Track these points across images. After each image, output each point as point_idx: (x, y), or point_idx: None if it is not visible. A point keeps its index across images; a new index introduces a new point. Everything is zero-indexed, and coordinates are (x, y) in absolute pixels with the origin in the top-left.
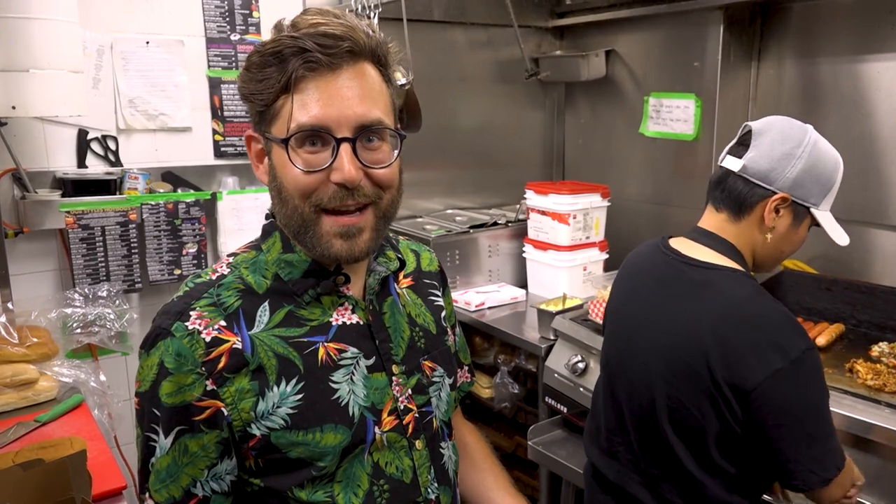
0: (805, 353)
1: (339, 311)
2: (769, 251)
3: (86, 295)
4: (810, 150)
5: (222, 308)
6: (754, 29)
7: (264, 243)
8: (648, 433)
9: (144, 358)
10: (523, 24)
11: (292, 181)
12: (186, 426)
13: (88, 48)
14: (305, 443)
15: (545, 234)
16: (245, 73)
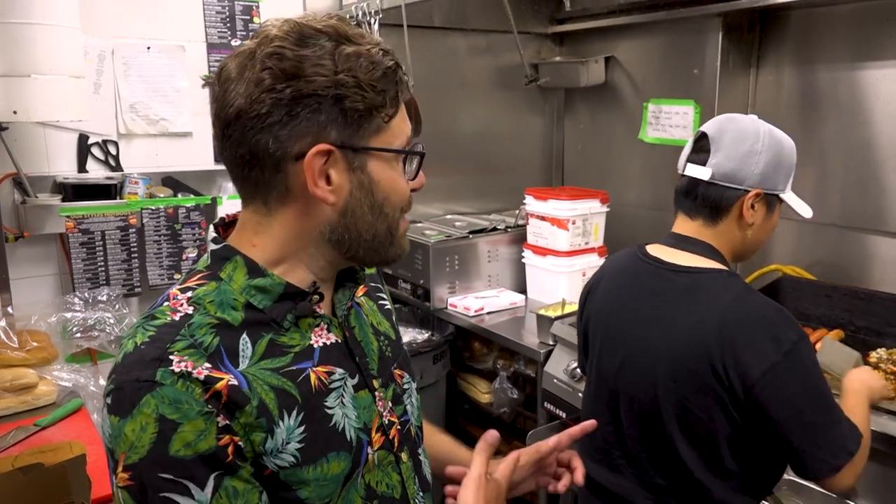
0: (797, 343)
1: (315, 332)
2: (749, 244)
3: (86, 299)
4: (768, 142)
5: (202, 349)
6: (753, 36)
7: (222, 271)
8: (655, 444)
9: (125, 423)
10: (523, 31)
11: (402, 193)
12: (223, 469)
13: (90, 53)
14: (316, 478)
15: (544, 239)
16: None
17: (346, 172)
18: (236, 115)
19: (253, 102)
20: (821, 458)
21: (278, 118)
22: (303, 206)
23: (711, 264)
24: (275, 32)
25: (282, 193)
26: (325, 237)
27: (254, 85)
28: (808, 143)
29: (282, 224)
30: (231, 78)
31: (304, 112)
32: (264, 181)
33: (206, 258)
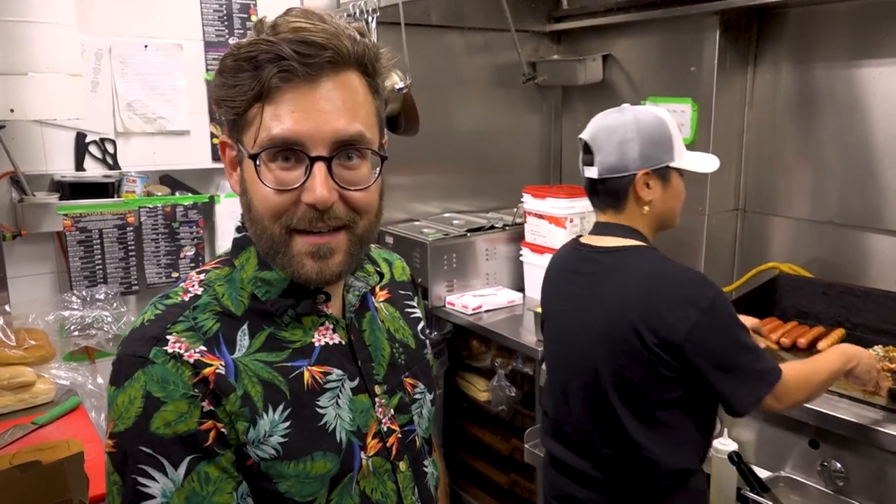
0: (713, 300)
1: (320, 331)
2: (662, 214)
3: (83, 297)
4: (635, 128)
5: (201, 332)
6: (750, 34)
7: (237, 259)
8: (599, 416)
9: (118, 393)
10: (521, 29)
11: (262, 200)
12: (199, 454)
13: (87, 52)
14: (296, 474)
15: (542, 237)
16: (218, 76)
17: (238, 167)
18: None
19: None
20: (745, 394)
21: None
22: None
23: (631, 242)
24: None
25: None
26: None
27: None
28: (805, 140)
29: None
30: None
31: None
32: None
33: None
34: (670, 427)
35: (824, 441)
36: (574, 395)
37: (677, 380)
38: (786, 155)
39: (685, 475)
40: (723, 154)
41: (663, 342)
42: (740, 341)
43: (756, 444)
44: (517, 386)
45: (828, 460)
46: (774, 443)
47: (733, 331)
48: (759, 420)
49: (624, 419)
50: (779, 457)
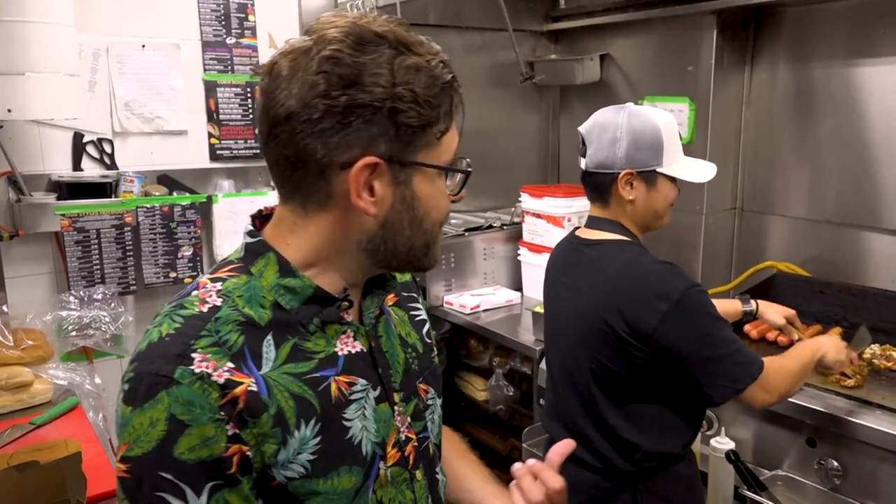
0: (685, 292)
1: (341, 339)
2: (644, 214)
3: (81, 298)
4: (626, 129)
5: (226, 347)
6: (747, 33)
7: (253, 266)
8: (582, 400)
9: (136, 414)
10: (518, 28)
11: (442, 209)
12: (221, 481)
13: (84, 51)
14: (325, 491)
15: (540, 237)
16: (420, 95)
17: (390, 186)
18: (286, 116)
19: (305, 106)
20: (723, 385)
21: (329, 125)
22: (342, 213)
23: (614, 236)
24: (332, 34)
25: (322, 199)
26: (360, 246)
27: (308, 88)
28: (802, 140)
29: (318, 228)
30: (282, 76)
31: (357, 122)
32: (306, 184)
33: (239, 249)
34: (647, 413)
35: (821, 439)
36: (560, 379)
37: (651, 368)
38: (783, 154)
39: (668, 459)
40: (720, 153)
41: (635, 332)
42: (715, 332)
43: (753, 442)
44: (515, 385)
45: (825, 459)
46: (772, 441)
47: (706, 322)
48: (757, 419)
49: (601, 404)
50: (776, 455)
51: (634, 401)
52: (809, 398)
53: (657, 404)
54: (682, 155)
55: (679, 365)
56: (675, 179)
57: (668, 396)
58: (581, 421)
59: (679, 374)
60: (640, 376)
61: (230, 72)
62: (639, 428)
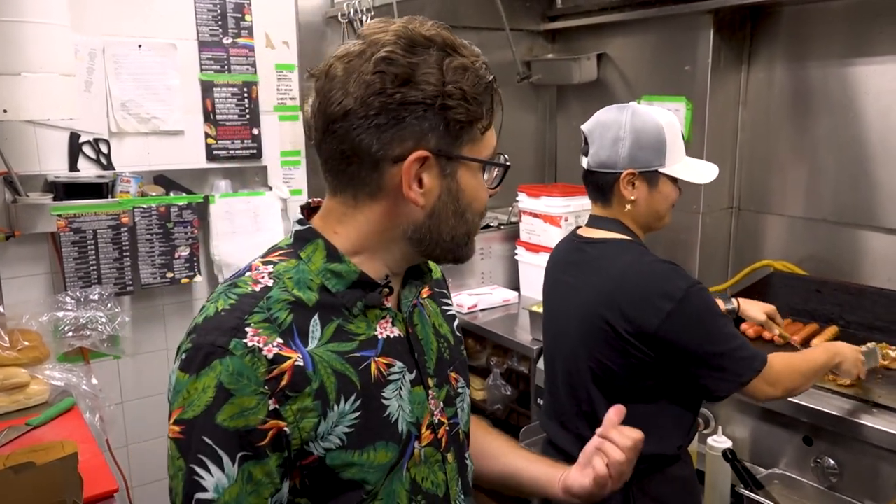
0: (687, 290)
1: (381, 324)
2: (645, 214)
3: (77, 298)
4: (630, 129)
5: (276, 324)
6: (744, 33)
7: (302, 251)
8: (579, 399)
9: (191, 381)
10: (515, 28)
11: (482, 200)
12: (250, 452)
13: (80, 52)
14: (360, 463)
15: (537, 236)
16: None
17: (437, 178)
18: (343, 113)
19: (362, 104)
20: (727, 380)
21: (385, 121)
22: (392, 204)
23: (616, 235)
24: (385, 38)
25: (374, 191)
26: (406, 235)
27: (364, 87)
28: (799, 139)
29: (367, 217)
30: (338, 77)
31: (410, 118)
32: (359, 177)
33: (288, 237)
34: (642, 414)
35: (818, 438)
36: (560, 378)
37: (651, 369)
38: (780, 153)
39: (662, 461)
40: (717, 152)
41: (637, 332)
42: (719, 329)
43: (750, 441)
44: (513, 385)
45: (821, 457)
46: (768, 440)
47: (710, 319)
48: (754, 417)
49: (597, 404)
50: (773, 454)
51: (631, 401)
52: (806, 397)
53: (653, 405)
54: (685, 155)
55: (683, 362)
56: (677, 180)
57: (665, 397)
58: (577, 421)
59: (682, 371)
60: (639, 376)
61: (227, 72)
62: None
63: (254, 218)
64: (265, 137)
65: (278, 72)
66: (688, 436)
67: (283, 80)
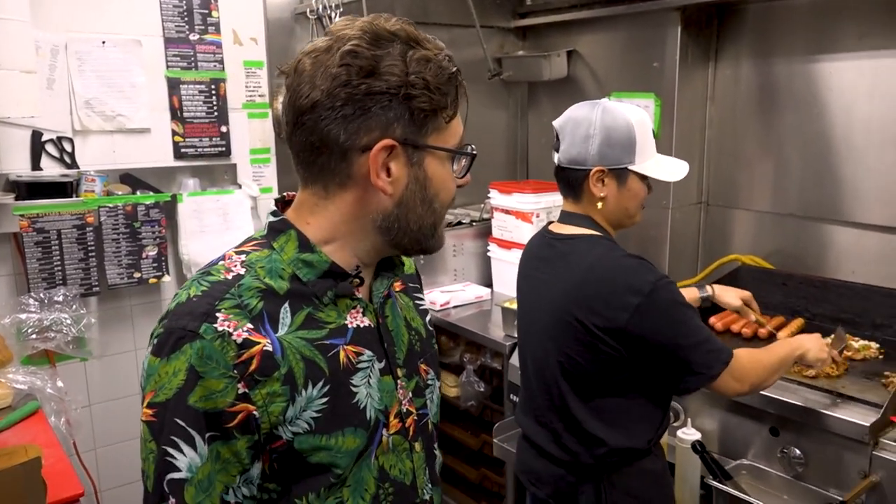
0: (655, 284)
1: (351, 313)
2: (615, 212)
3: (41, 300)
4: (600, 126)
5: (247, 311)
6: (711, 30)
7: (275, 241)
8: (550, 393)
9: (163, 364)
10: (485, 25)
11: (450, 190)
12: (218, 433)
13: (42, 48)
14: (328, 447)
15: (509, 232)
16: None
17: (405, 167)
18: (311, 105)
19: (329, 96)
20: (697, 373)
21: (351, 111)
22: (361, 193)
23: (585, 231)
24: (351, 33)
25: (343, 180)
26: (375, 224)
27: (331, 79)
28: (765, 135)
29: (338, 207)
30: (306, 71)
31: (375, 108)
32: (329, 168)
33: (262, 228)
34: (614, 408)
35: (784, 429)
36: (532, 373)
37: (621, 363)
38: (747, 149)
39: (631, 454)
40: (686, 148)
41: (605, 327)
42: (686, 323)
43: (719, 433)
44: (486, 381)
45: (787, 447)
46: (736, 431)
47: (678, 313)
48: (722, 410)
49: (568, 398)
50: (740, 445)
51: (600, 395)
52: (773, 388)
53: (623, 399)
54: (655, 153)
55: (652, 356)
56: (647, 177)
57: (634, 392)
58: (549, 415)
59: (651, 365)
60: (608, 371)
61: (194, 69)
62: (604, 422)
63: (223, 216)
64: (234, 135)
65: (247, 69)
66: (659, 429)
67: (252, 78)
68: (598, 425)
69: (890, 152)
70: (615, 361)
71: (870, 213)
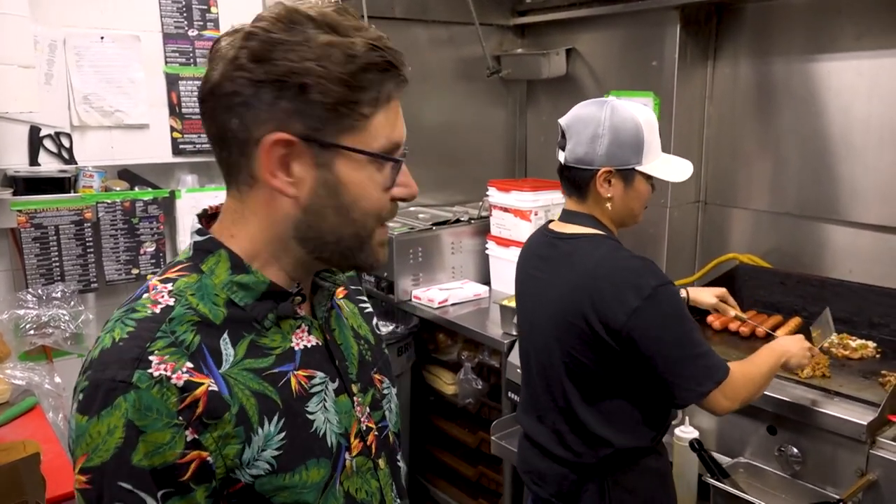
0: (656, 289)
1: (296, 334)
2: (620, 212)
3: (39, 296)
4: (609, 126)
5: (183, 347)
6: (710, 28)
7: (204, 264)
8: (554, 393)
9: (93, 423)
10: (485, 22)
11: (374, 199)
12: (173, 489)
13: (40, 43)
14: (292, 485)
15: (507, 230)
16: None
17: (310, 168)
18: (210, 90)
19: (224, 79)
20: (687, 388)
21: (243, 99)
22: (267, 194)
23: (589, 231)
24: (266, 14)
25: (247, 178)
26: (290, 233)
27: (228, 62)
28: (764, 133)
29: (253, 213)
30: (219, 54)
31: (267, 96)
32: (231, 163)
33: (187, 249)
34: (616, 408)
35: (782, 427)
36: (535, 373)
37: (621, 364)
38: (745, 148)
39: (635, 454)
40: (684, 147)
41: (606, 326)
42: (684, 333)
43: (716, 431)
44: (484, 379)
45: (785, 446)
46: (734, 430)
47: (676, 322)
48: None
49: (572, 398)
50: (738, 443)
51: (605, 396)
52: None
53: (627, 400)
54: (661, 152)
55: (646, 362)
56: (651, 177)
57: (639, 391)
58: (553, 415)
59: (645, 371)
60: (612, 371)
61: (192, 64)
62: (608, 423)
63: None
64: None
65: None
66: (662, 427)
67: None
68: (603, 426)
69: (888, 152)
70: (617, 362)
71: (867, 212)
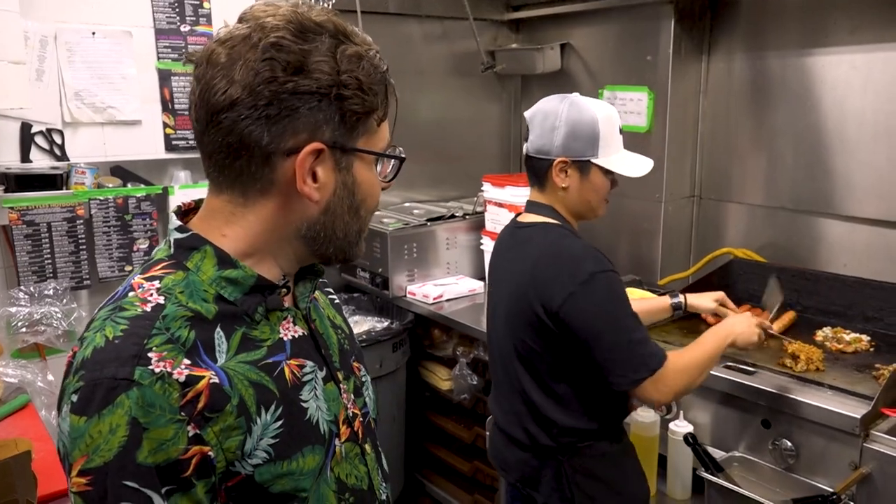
0: (593, 275)
1: (283, 325)
2: (578, 203)
3: (31, 293)
4: (566, 119)
5: (180, 344)
6: (704, 23)
7: (188, 261)
8: (510, 378)
9: (93, 423)
10: (479, 17)
11: (377, 196)
12: (175, 485)
13: (31, 39)
14: (290, 472)
15: (502, 226)
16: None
17: (333, 172)
18: (230, 103)
19: (251, 93)
20: (621, 374)
21: (276, 112)
22: (285, 200)
23: (544, 219)
24: (273, 22)
25: (265, 186)
26: (300, 233)
27: (253, 74)
28: (758, 128)
29: (258, 216)
30: (221, 63)
31: (304, 108)
32: (249, 172)
33: (165, 247)
34: (565, 391)
35: (775, 421)
36: (497, 360)
37: (564, 348)
38: (740, 142)
39: (588, 436)
40: (679, 141)
41: (546, 310)
42: (619, 319)
43: (711, 425)
44: (479, 374)
45: (779, 439)
46: (728, 424)
47: (612, 307)
48: (714, 402)
49: (525, 382)
50: (732, 437)
51: (554, 379)
52: (764, 381)
53: (575, 383)
54: (622, 148)
55: (582, 346)
56: (611, 172)
57: (589, 375)
58: (512, 398)
59: (584, 355)
60: (557, 355)
61: (185, 61)
62: (559, 406)
63: None
64: None
65: None
66: (614, 412)
67: None
68: (554, 410)
69: (882, 146)
70: (562, 346)
71: (862, 206)
